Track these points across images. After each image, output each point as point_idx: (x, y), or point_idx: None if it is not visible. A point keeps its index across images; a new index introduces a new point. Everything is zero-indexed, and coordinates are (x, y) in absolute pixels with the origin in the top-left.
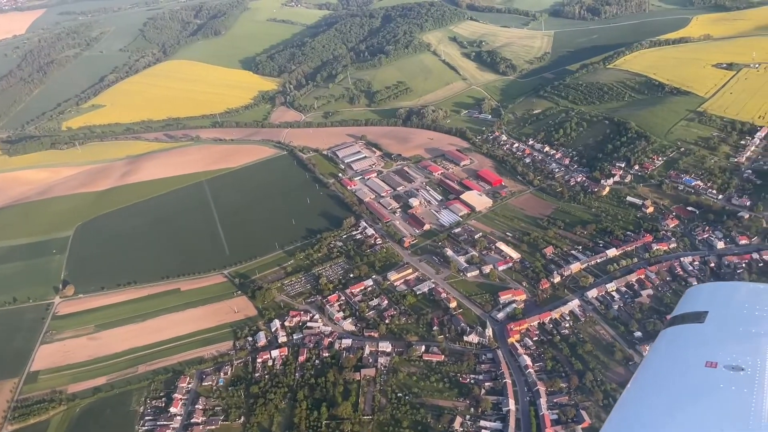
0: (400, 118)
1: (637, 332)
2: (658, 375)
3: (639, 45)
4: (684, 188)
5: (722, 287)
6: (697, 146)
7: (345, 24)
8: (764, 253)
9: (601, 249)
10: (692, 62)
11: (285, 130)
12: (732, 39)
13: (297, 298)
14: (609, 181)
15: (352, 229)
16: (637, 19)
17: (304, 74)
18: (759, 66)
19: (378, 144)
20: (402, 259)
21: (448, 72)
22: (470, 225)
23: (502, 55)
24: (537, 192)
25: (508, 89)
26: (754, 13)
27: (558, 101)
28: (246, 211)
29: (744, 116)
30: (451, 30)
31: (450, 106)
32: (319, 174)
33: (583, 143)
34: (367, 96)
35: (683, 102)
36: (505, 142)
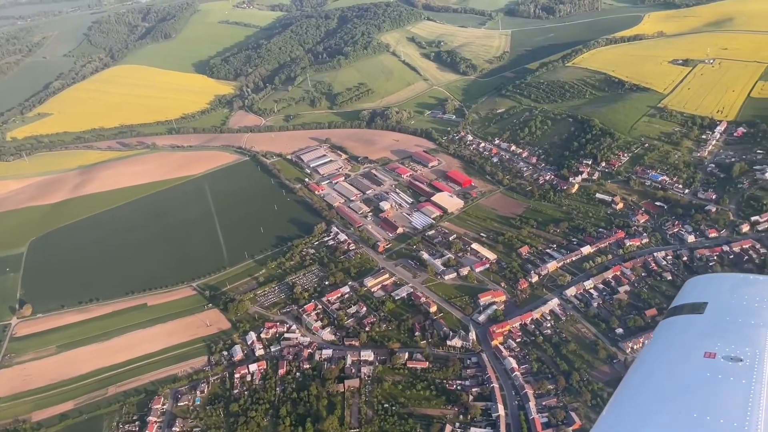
0: (364, 120)
1: (618, 329)
2: (657, 365)
3: (596, 43)
4: (651, 184)
5: (721, 278)
6: (660, 142)
7: (300, 25)
8: (734, 245)
9: (576, 247)
10: (649, 59)
11: (245, 135)
12: (684, 36)
13: (272, 309)
14: (577, 178)
15: (323, 235)
16: (591, 17)
17: (262, 77)
18: (713, 62)
19: (343, 147)
20: (377, 264)
21: (409, 72)
22: (443, 227)
23: (462, 55)
24: (507, 191)
25: (470, 89)
26: (703, 10)
27: (521, 100)
28: (211, 220)
29: (703, 111)
30: (409, 30)
31: (413, 106)
32: (284, 179)
33: (548, 141)
34: (328, 98)
35: (643, 98)
36: (471, 142)
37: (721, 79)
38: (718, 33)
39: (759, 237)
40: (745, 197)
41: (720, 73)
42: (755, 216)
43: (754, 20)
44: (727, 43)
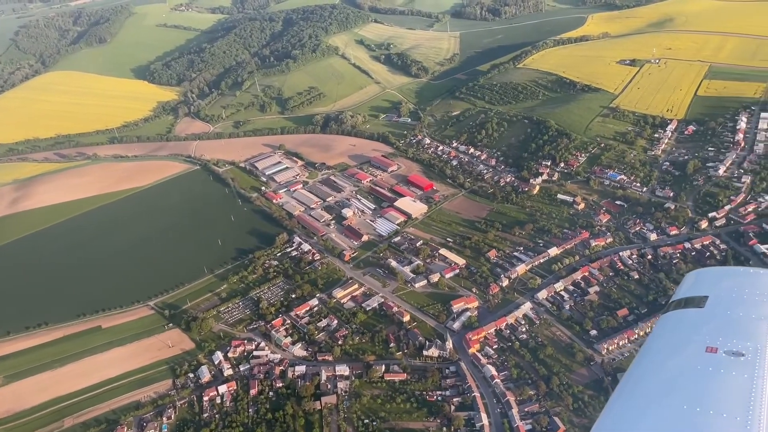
0: (318, 125)
1: (592, 330)
2: (659, 359)
3: (544, 44)
4: (610, 183)
5: (721, 272)
6: (615, 141)
7: (244, 28)
8: (695, 242)
9: (542, 249)
10: (597, 60)
11: (194, 143)
12: (629, 36)
13: (237, 326)
14: (538, 179)
15: (286, 246)
16: (536, 18)
17: (207, 82)
18: (659, 61)
19: (298, 153)
20: (345, 275)
21: (360, 76)
22: (409, 233)
23: (413, 57)
24: (469, 194)
25: (423, 91)
26: (644, 11)
27: (475, 102)
28: (164, 233)
29: (653, 110)
30: (357, 33)
31: (367, 110)
32: (239, 188)
33: (506, 143)
34: (279, 103)
35: (596, 99)
36: (429, 145)
37: (668, 78)
38: (661, 33)
39: (718, 233)
40: (701, 194)
41: (666, 72)
42: (712, 212)
43: (693, 20)
44: (670, 43)
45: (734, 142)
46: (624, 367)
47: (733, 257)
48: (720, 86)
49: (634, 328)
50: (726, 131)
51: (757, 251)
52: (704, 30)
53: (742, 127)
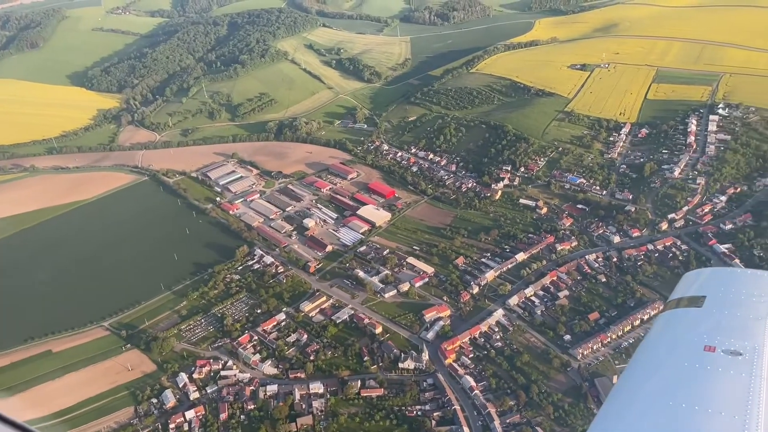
0: (271, 132)
1: (566, 335)
2: (656, 358)
3: (495, 49)
4: (570, 187)
5: (720, 272)
6: (573, 145)
7: (187, 32)
8: (657, 243)
9: (509, 254)
10: (548, 64)
11: (140, 153)
12: (577, 41)
13: (201, 345)
14: (499, 184)
15: (247, 259)
16: (485, 23)
17: (150, 89)
18: (608, 66)
19: (253, 162)
20: (311, 287)
21: (312, 81)
22: (374, 242)
23: (365, 62)
24: (432, 201)
25: (377, 97)
26: (589, 16)
27: (431, 107)
28: (115, 249)
29: (607, 114)
30: (306, 37)
31: (321, 116)
32: (192, 200)
33: (464, 148)
34: (229, 110)
35: (550, 103)
36: (387, 151)
37: (618, 82)
38: (608, 38)
39: (678, 234)
40: (659, 196)
41: (616, 77)
42: (671, 214)
43: (637, 26)
44: (617, 47)
45: (686, 144)
46: (600, 372)
47: (695, 258)
48: (668, 90)
49: (606, 332)
50: (678, 134)
51: (717, 251)
52: (648, 35)
53: (693, 129)
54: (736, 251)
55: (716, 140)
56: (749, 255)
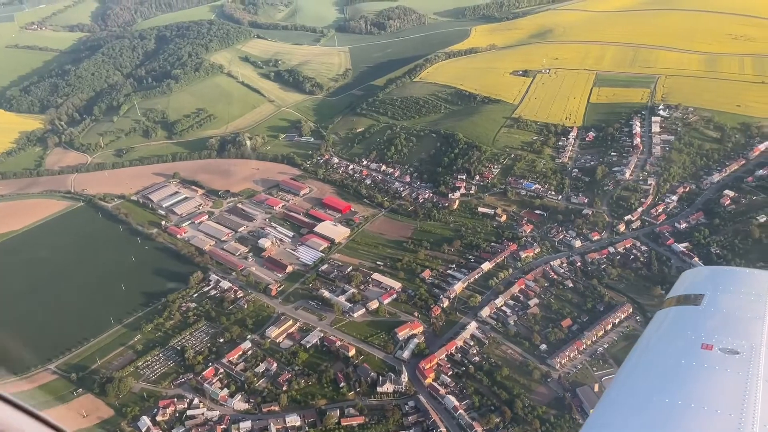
0: (213, 150)
1: (542, 345)
2: (653, 355)
3: (436, 57)
4: (526, 193)
5: (719, 271)
6: (524, 151)
7: (112, 47)
8: (618, 245)
9: (475, 264)
10: (491, 71)
11: (71, 176)
12: (515, 48)
13: (162, 383)
14: (456, 194)
15: (202, 285)
16: (422, 32)
17: (77, 108)
18: (549, 71)
19: (197, 181)
20: (275, 311)
21: (252, 95)
22: (335, 259)
23: (304, 73)
24: (390, 214)
25: (321, 109)
26: (523, 23)
27: (378, 118)
28: (54, 283)
29: (553, 119)
30: (240, 49)
31: (265, 131)
32: (135, 225)
33: (417, 158)
34: (165, 127)
35: (497, 110)
36: (338, 164)
37: (560, 87)
38: (545, 44)
39: (636, 235)
40: (614, 198)
41: (558, 82)
42: (627, 215)
43: (571, 31)
44: (556, 53)
45: (633, 146)
46: (581, 380)
47: (656, 258)
48: (609, 93)
49: (581, 339)
50: (623, 136)
51: (675, 250)
52: (583, 40)
53: (638, 131)
54: (693, 249)
55: (661, 141)
56: (707, 253)
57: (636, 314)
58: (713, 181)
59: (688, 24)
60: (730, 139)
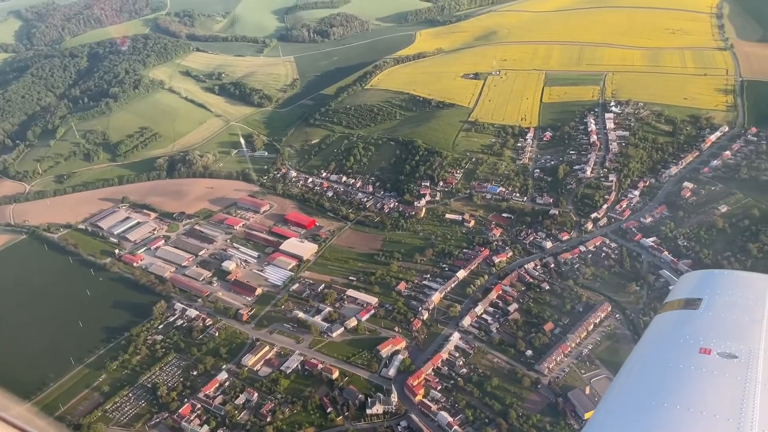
0: (162, 170)
1: (527, 351)
2: (651, 360)
3: (384, 63)
4: (492, 196)
5: (717, 275)
6: (485, 154)
7: (42, 67)
8: (588, 244)
9: (450, 273)
10: (442, 75)
11: (9, 207)
12: (462, 50)
13: (135, 425)
14: (422, 201)
15: (167, 315)
16: (366, 38)
17: (8, 133)
18: (500, 73)
19: (148, 204)
20: (249, 337)
21: (197, 110)
22: (306, 277)
23: (251, 85)
24: (356, 226)
25: (272, 121)
26: (467, 26)
27: (333, 128)
28: (2, 325)
29: (509, 120)
30: (180, 64)
31: (215, 147)
32: (86, 255)
33: (377, 167)
34: (107, 149)
35: (453, 114)
36: (297, 178)
37: (512, 88)
38: (491, 46)
39: (604, 232)
40: (579, 196)
41: (509, 83)
42: (593, 213)
43: (515, 32)
44: (503, 54)
45: (590, 143)
46: (570, 384)
47: (627, 255)
48: (561, 92)
49: (565, 342)
50: (580, 134)
51: (644, 245)
52: (528, 40)
53: (593, 128)
54: (662, 243)
55: (616, 137)
56: (675, 246)
57: (615, 312)
58: (671, 174)
59: (626, 21)
60: (682, 131)
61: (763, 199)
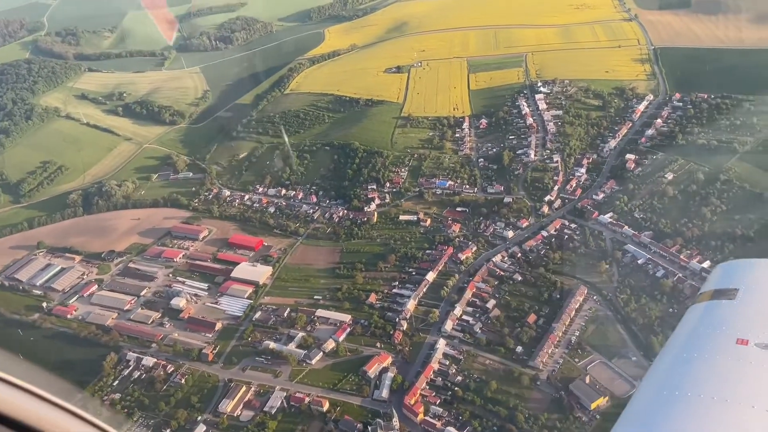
0: (78, 206)
1: (517, 348)
2: (686, 350)
3: (300, 65)
4: (442, 192)
5: (753, 264)
6: (425, 149)
7: None
8: (549, 228)
9: (418, 277)
10: (363, 72)
11: None
12: (377, 44)
13: None
14: (372, 206)
15: (121, 369)
16: (273, 40)
17: None
18: (421, 64)
19: (69, 247)
20: (220, 379)
21: (103, 136)
22: (267, 304)
23: (158, 103)
24: (308, 240)
25: (190, 139)
26: (375, 18)
27: (260, 139)
28: None
29: (442, 112)
30: (73, 87)
31: (132, 174)
32: (9, 314)
33: (317, 176)
34: (7, 190)
35: (384, 111)
36: (231, 197)
37: (438, 79)
38: (406, 37)
39: (562, 214)
40: (528, 181)
41: (434, 74)
42: (546, 196)
43: (426, 21)
44: (420, 45)
45: (528, 126)
46: (569, 375)
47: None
48: (486, 77)
49: (553, 332)
50: (515, 118)
51: (603, 222)
52: (441, 28)
53: (527, 111)
54: (619, 218)
55: (551, 117)
56: (633, 219)
57: (592, 294)
58: (611, 147)
59: (530, 0)
60: (611, 104)
61: (703, 162)
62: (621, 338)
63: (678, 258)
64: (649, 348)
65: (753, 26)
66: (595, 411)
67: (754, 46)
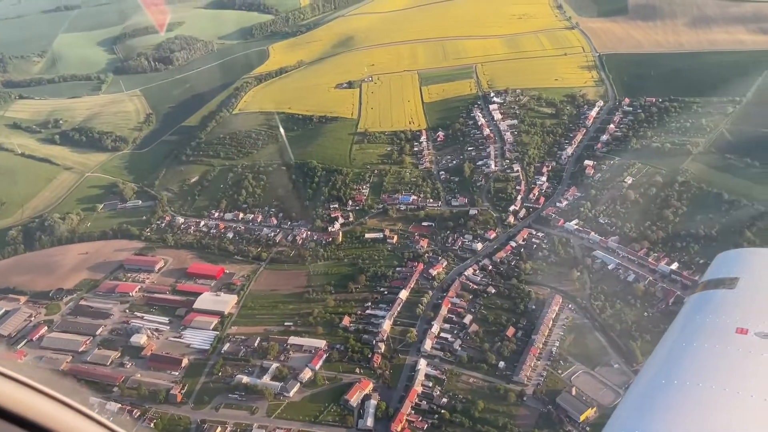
0: (18, 244)
1: (500, 363)
2: (686, 339)
3: (247, 84)
4: (406, 207)
5: (754, 253)
6: (385, 164)
7: None
8: (517, 238)
9: (391, 296)
10: (314, 89)
11: None
12: (325, 60)
13: None
14: (335, 225)
15: None
16: (215, 59)
17: None
18: (372, 78)
19: (12, 287)
20: (192, 420)
21: (41, 166)
22: (235, 334)
23: (98, 129)
24: (272, 265)
25: (135, 165)
26: (320, 34)
27: (211, 162)
28: None
29: (398, 126)
30: (5, 116)
31: (76, 205)
32: None
33: (275, 197)
34: None
35: (339, 128)
36: (186, 224)
37: (390, 93)
38: (353, 52)
39: (528, 223)
40: (491, 192)
41: (386, 88)
42: (510, 206)
43: (372, 35)
44: (369, 59)
45: (485, 137)
46: (554, 388)
47: (559, 243)
48: (439, 90)
49: (533, 344)
50: (471, 129)
51: (570, 229)
52: (388, 42)
53: (483, 121)
54: (585, 225)
55: (507, 127)
56: (598, 224)
57: (567, 303)
58: (569, 154)
59: (472, 12)
60: (564, 112)
61: (660, 164)
62: (601, 346)
63: (647, 261)
64: (630, 354)
65: (690, 30)
66: (585, 423)
67: (694, 50)
